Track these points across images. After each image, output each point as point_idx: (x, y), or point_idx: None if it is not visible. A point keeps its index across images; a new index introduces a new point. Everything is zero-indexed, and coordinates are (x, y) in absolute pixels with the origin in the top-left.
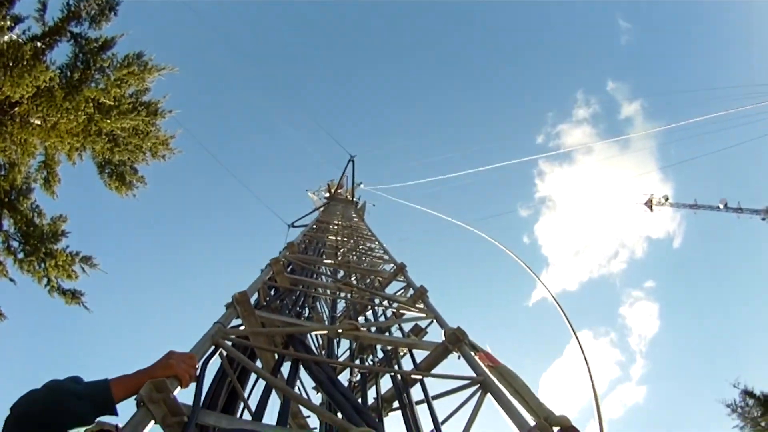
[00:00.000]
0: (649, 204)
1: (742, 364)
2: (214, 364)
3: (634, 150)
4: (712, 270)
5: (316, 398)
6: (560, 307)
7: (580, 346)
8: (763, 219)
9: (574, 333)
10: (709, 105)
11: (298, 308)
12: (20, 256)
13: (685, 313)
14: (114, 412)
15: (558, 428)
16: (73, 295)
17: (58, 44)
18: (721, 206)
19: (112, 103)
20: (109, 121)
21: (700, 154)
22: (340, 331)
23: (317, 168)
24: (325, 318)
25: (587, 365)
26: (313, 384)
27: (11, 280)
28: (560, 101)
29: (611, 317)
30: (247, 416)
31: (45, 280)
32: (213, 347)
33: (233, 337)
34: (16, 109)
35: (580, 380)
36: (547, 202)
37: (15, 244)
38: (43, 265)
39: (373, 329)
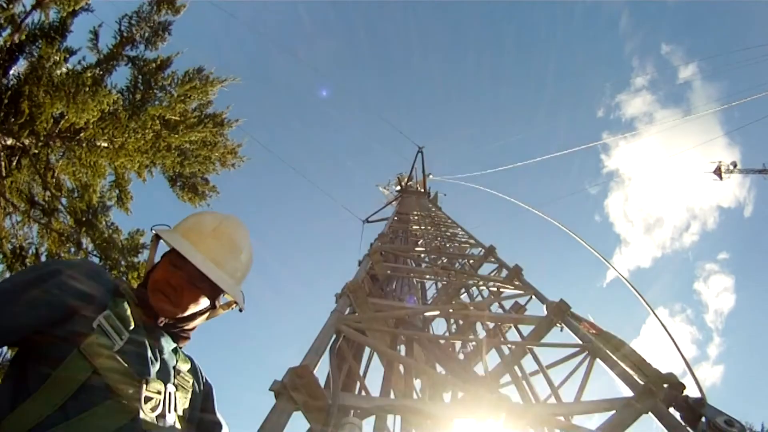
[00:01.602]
0: (718, 172)
1: None
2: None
3: (697, 116)
4: None
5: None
6: (632, 286)
7: (659, 320)
8: None
9: (651, 309)
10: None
11: (399, 294)
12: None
13: (761, 284)
14: None
15: (667, 385)
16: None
17: (116, 69)
18: None
19: (178, 119)
20: (177, 136)
21: (763, 115)
22: (451, 311)
23: (384, 163)
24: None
25: (671, 337)
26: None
27: None
28: (616, 71)
29: (686, 293)
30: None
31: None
32: (335, 334)
33: (351, 324)
34: (82, 134)
35: (660, 359)
36: (614, 177)
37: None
38: (125, 278)
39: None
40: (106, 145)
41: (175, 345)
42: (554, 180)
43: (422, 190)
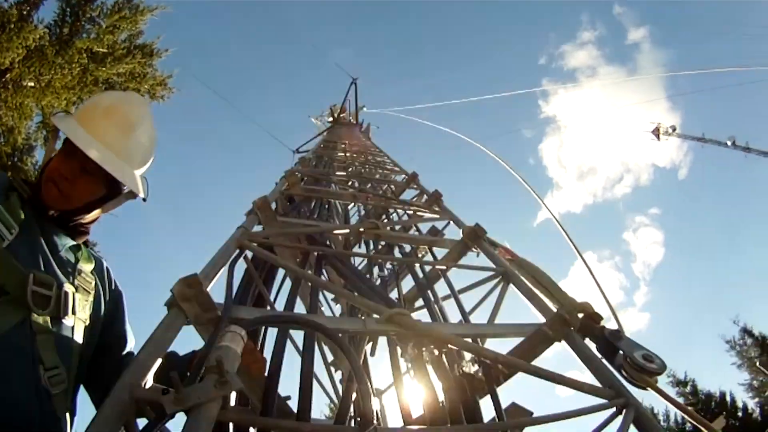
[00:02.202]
0: (656, 132)
1: (743, 302)
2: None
3: (642, 76)
4: (717, 205)
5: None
6: (563, 228)
7: (586, 264)
8: None
9: (578, 252)
10: (724, 39)
11: (315, 217)
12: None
13: (689, 244)
14: None
15: (582, 314)
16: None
17: (44, 3)
18: (729, 143)
19: (106, 51)
20: (104, 69)
21: (709, 87)
22: (361, 230)
23: (319, 96)
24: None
25: (591, 274)
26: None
27: None
28: (564, 23)
29: (615, 242)
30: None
31: None
32: (238, 250)
33: (255, 242)
34: (8, 75)
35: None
36: (551, 123)
37: None
38: None
39: (392, 230)
40: (33, 84)
41: (73, 242)
42: (490, 120)
43: (354, 121)
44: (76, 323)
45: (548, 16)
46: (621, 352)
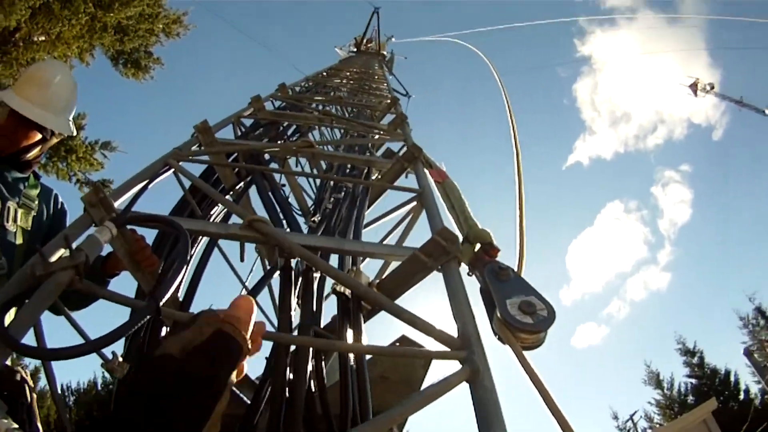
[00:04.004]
0: (693, 88)
1: (764, 278)
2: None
3: (684, 26)
4: (750, 173)
5: None
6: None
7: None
8: None
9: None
10: None
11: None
12: (43, 160)
13: (718, 208)
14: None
15: (479, 244)
16: (103, 185)
17: None
18: (767, 112)
19: None
20: (112, 14)
21: (756, 46)
22: (294, 148)
23: (347, 28)
24: None
25: (520, 209)
26: None
27: None
28: None
29: (643, 194)
30: None
31: (73, 178)
32: (166, 167)
33: (187, 158)
34: (17, 35)
35: (609, 253)
36: (586, 64)
37: None
38: (65, 162)
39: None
40: (43, 38)
41: (21, 174)
42: (525, 53)
43: (378, 51)
44: (18, 230)
45: None
46: (487, 269)
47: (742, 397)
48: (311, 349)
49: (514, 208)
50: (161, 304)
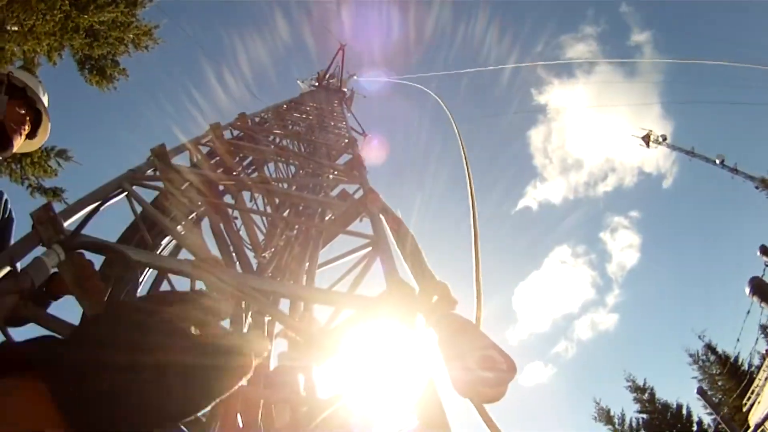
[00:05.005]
0: (646, 139)
1: (711, 318)
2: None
3: (640, 78)
4: (698, 220)
5: None
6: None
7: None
8: (757, 188)
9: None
10: (729, 53)
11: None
12: None
13: (665, 253)
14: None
15: (436, 297)
16: (54, 193)
17: None
18: (718, 161)
19: None
20: (86, 17)
21: (706, 100)
22: (249, 183)
23: (312, 61)
24: None
25: (475, 257)
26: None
27: None
28: (567, 14)
29: (592, 239)
30: None
31: (26, 182)
32: (119, 190)
33: (140, 182)
34: None
35: (557, 295)
36: (542, 113)
37: None
38: (19, 165)
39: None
40: (16, 29)
41: None
42: (484, 101)
43: (342, 88)
44: None
45: (550, 5)
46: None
47: (695, 429)
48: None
49: (468, 259)
50: None
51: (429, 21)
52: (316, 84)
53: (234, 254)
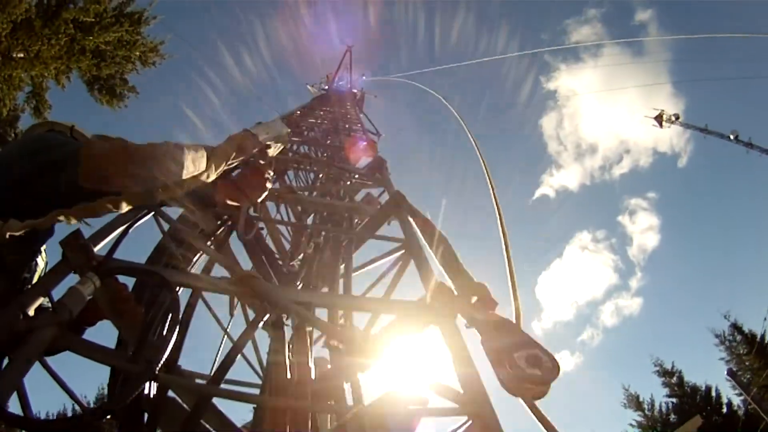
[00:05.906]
0: (659, 119)
1: (735, 296)
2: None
3: (648, 58)
4: (715, 197)
5: None
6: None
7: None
8: None
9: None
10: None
11: None
12: None
13: (685, 233)
14: None
15: (476, 297)
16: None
17: None
18: (732, 137)
19: (93, 20)
20: (91, 38)
21: (718, 76)
22: (277, 194)
23: (320, 65)
24: None
25: (507, 255)
26: None
27: None
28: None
29: (611, 223)
30: None
31: None
32: (145, 210)
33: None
34: None
35: (580, 282)
36: (551, 99)
37: None
38: None
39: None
40: (22, 55)
41: None
42: (491, 92)
43: (352, 89)
44: None
45: None
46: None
47: (725, 410)
48: None
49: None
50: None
51: (429, 20)
52: (326, 88)
53: (268, 265)
